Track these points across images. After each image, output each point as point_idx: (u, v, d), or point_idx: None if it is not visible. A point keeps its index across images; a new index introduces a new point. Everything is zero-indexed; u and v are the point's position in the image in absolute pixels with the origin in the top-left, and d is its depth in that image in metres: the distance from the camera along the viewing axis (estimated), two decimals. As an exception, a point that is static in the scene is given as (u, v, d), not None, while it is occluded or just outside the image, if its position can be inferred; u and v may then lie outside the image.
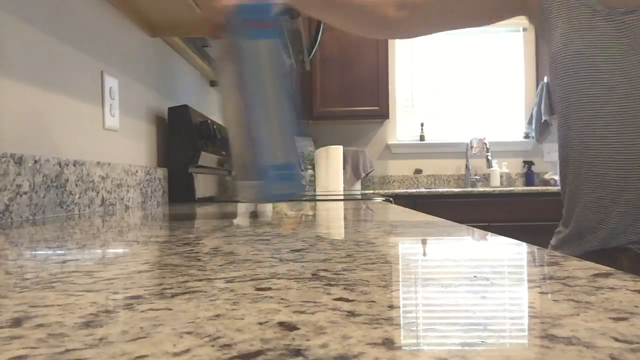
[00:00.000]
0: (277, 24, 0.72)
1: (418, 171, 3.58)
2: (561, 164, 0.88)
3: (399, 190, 2.92)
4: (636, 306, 0.21)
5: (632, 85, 0.72)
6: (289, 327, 0.19)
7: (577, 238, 0.82)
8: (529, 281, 0.27)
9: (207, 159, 1.60)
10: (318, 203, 1.29)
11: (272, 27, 0.72)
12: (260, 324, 0.19)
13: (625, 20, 0.72)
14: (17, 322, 0.20)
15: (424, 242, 0.45)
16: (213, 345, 0.17)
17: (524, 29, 3.51)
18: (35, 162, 0.83)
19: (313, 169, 3.26)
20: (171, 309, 0.22)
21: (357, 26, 1.00)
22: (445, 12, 0.94)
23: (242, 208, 1.08)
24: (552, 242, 0.89)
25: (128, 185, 1.20)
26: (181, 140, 1.49)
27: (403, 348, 0.16)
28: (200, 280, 0.28)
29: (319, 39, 1.91)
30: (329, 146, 2.90)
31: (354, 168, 3.20)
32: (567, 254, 0.80)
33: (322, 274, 0.30)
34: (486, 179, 3.55)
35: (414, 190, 2.89)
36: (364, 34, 1.04)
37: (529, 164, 3.52)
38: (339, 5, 0.94)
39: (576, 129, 0.79)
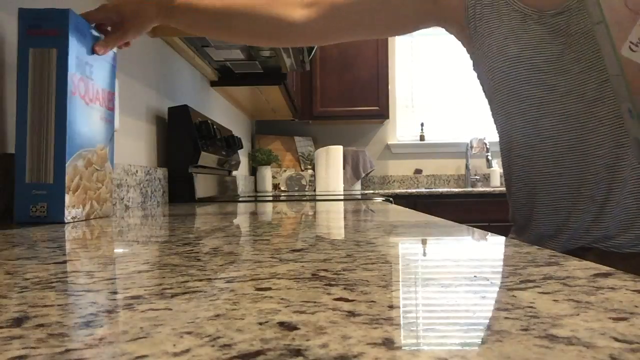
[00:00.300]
0: (57, 32, 0.68)
1: (418, 171, 3.58)
2: (505, 173, 0.86)
3: (399, 190, 2.92)
4: (636, 306, 0.21)
5: (572, 83, 0.72)
6: (289, 327, 0.19)
7: (536, 245, 0.80)
8: (529, 281, 0.27)
9: (207, 159, 1.60)
10: (318, 203, 1.29)
11: (50, 35, 0.68)
12: (260, 324, 0.19)
13: (557, 22, 0.72)
14: (17, 322, 0.20)
15: (424, 242, 0.45)
16: (213, 345, 0.17)
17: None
18: (35, 162, 0.83)
19: (313, 169, 3.26)
20: (171, 309, 0.22)
21: (258, 36, 0.90)
22: (356, 16, 0.87)
23: (242, 208, 1.08)
24: None
25: (128, 185, 1.20)
26: (181, 140, 1.49)
27: (403, 348, 0.16)
28: (200, 280, 0.28)
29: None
30: (329, 146, 2.90)
31: (354, 168, 3.20)
32: None
33: (322, 274, 0.30)
34: (486, 179, 3.55)
35: (414, 190, 2.89)
36: (270, 45, 0.93)
37: (529, 164, 3.51)
38: (221, 15, 0.85)
39: (522, 133, 0.77)
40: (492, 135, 3.54)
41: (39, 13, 0.69)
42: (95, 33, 0.78)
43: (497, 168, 3.43)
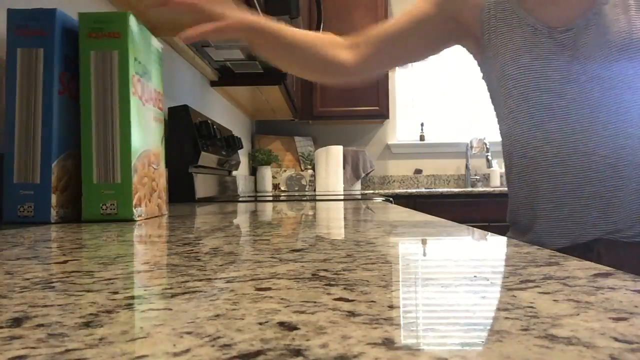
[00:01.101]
0: (44, 32, 0.68)
1: (418, 171, 3.58)
2: (507, 174, 0.92)
3: (399, 190, 2.92)
4: (636, 306, 0.21)
5: (579, 90, 0.77)
6: (289, 327, 0.19)
7: (538, 242, 0.84)
8: (529, 281, 0.27)
9: (207, 159, 1.60)
10: (318, 203, 1.29)
11: (37, 35, 0.68)
12: (260, 324, 0.19)
13: (565, 38, 0.79)
14: (17, 322, 0.20)
15: (424, 242, 0.45)
16: (213, 345, 0.17)
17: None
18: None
19: (313, 169, 3.26)
20: (171, 309, 0.22)
21: (310, 70, 0.98)
22: (393, 49, 0.95)
23: (242, 208, 1.08)
24: None
25: (128, 185, 1.20)
26: (181, 140, 1.49)
27: (403, 348, 0.16)
28: (200, 280, 0.28)
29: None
30: (329, 146, 2.90)
31: (354, 168, 3.20)
32: None
33: (322, 274, 0.30)
34: (486, 179, 3.55)
35: (413, 190, 2.89)
36: (317, 80, 1.03)
37: (529, 164, 3.51)
38: (288, 46, 0.91)
39: (529, 135, 0.83)
40: (492, 135, 3.54)
41: (26, 13, 0.69)
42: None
43: (497, 168, 3.43)
